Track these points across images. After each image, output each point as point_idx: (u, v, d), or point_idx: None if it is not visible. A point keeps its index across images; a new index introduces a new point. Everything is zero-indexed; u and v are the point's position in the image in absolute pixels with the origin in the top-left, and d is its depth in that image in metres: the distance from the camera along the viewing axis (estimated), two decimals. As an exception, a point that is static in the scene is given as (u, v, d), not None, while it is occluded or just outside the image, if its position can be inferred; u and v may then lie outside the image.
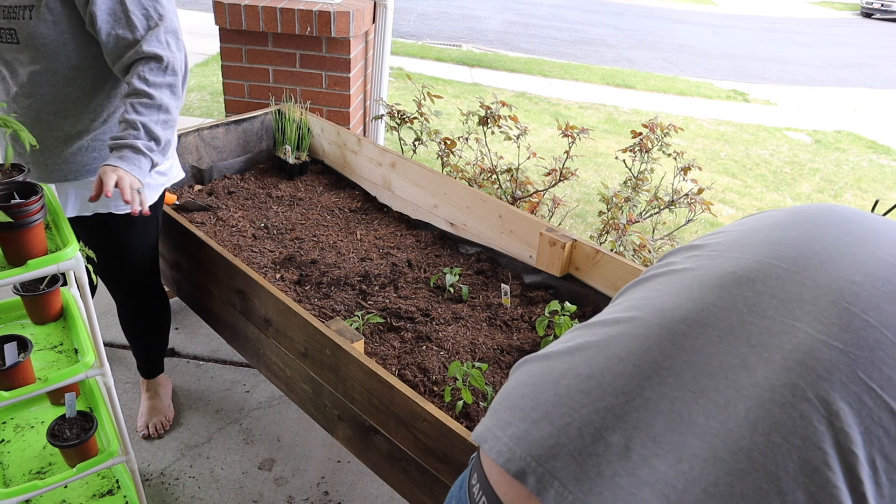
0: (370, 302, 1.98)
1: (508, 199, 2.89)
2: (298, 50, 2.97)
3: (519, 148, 2.91)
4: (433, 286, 2.08)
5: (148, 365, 2.11)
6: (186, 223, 1.92)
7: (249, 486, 1.95)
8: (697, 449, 0.61)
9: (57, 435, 1.43)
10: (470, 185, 2.78)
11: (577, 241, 1.93)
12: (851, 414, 0.59)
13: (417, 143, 3.05)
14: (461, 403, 1.59)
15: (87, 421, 1.48)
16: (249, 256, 2.15)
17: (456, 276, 2.05)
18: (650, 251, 2.54)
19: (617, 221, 2.66)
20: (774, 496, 0.57)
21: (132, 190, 1.44)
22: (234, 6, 2.87)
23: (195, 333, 2.52)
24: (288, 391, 1.79)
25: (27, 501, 1.56)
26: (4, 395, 1.29)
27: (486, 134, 3.02)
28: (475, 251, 2.23)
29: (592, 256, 1.90)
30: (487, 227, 2.17)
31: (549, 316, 1.83)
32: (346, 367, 1.50)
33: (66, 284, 1.57)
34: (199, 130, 2.51)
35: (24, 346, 1.34)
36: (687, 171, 2.86)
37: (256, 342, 1.83)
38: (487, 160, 3.04)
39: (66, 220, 1.39)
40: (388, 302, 1.98)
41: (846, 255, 0.69)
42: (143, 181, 1.48)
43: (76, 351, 1.47)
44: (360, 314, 1.86)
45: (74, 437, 1.44)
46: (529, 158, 2.96)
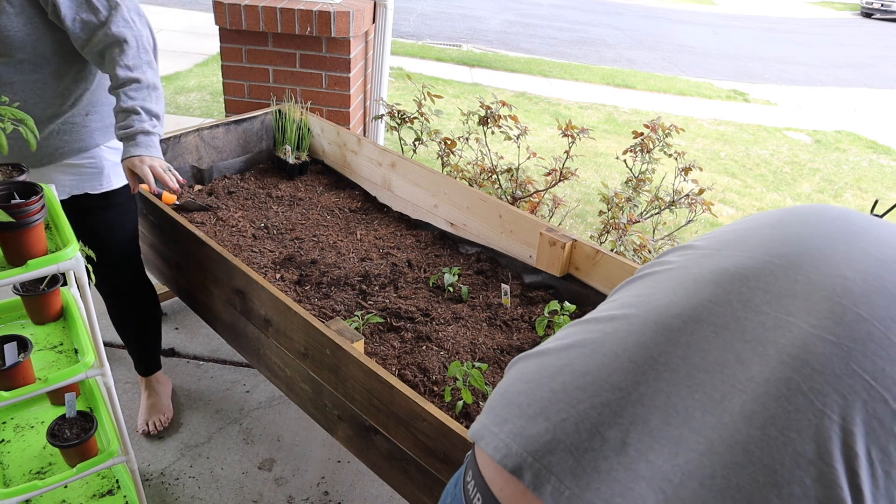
0: (370, 302, 1.98)
1: (508, 199, 2.89)
2: (298, 50, 2.97)
3: (519, 148, 2.91)
4: (433, 286, 2.08)
5: (144, 362, 2.11)
6: (186, 223, 1.92)
7: (249, 486, 1.95)
8: (693, 443, 0.61)
9: (57, 435, 1.43)
10: (470, 185, 2.78)
11: (577, 241, 1.93)
12: (846, 406, 0.59)
13: (417, 143, 3.05)
14: (461, 403, 1.59)
15: (87, 421, 1.48)
16: (249, 256, 2.15)
17: (456, 276, 2.05)
18: (650, 251, 2.54)
19: (617, 221, 2.66)
20: (770, 489, 0.57)
21: (165, 171, 1.59)
22: (234, 6, 2.87)
23: (195, 333, 2.52)
24: (288, 391, 1.79)
25: (27, 501, 1.56)
26: (4, 395, 1.29)
27: (486, 134, 3.02)
28: (475, 251, 2.23)
29: (592, 256, 1.90)
30: (487, 227, 2.17)
31: (548, 316, 1.83)
32: (346, 367, 1.50)
33: (66, 284, 1.57)
34: (199, 130, 2.51)
35: (24, 346, 1.34)
36: (688, 171, 2.86)
37: (256, 342, 1.83)
38: (487, 160, 3.04)
39: (66, 220, 1.39)
40: (388, 302, 1.98)
41: (838, 251, 0.71)
42: (159, 151, 1.60)
43: (76, 351, 1.47)
44: (360, 314, 1.86)
45: (74, 437, 1.44)
46: (529, 158, 2.96)
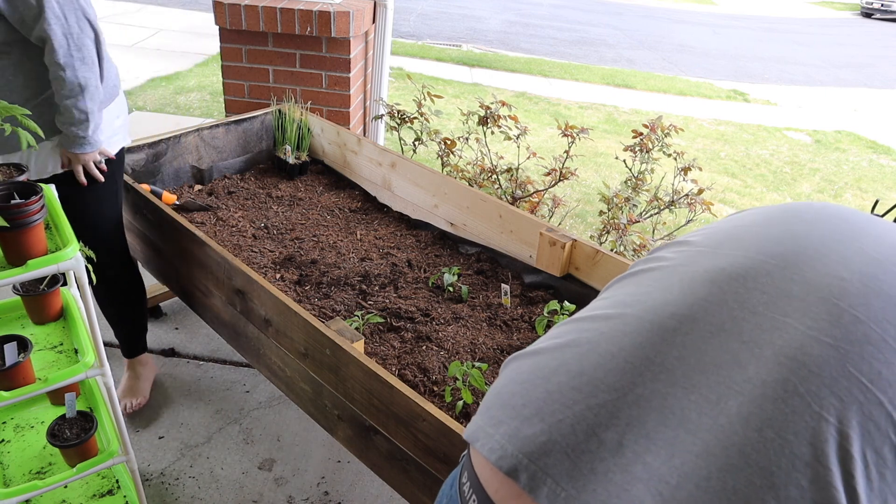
0: (370, 302, 1.98)
1: (508, 199, 2.89)
2: (298, 50, 2.97)
3: (519, 148, 2.91)
4: (433, 286, 2.08)
5: (128, 344, 2.15)
6: (186, 223, 1.92)
7: (249, 486, 1.95)
8: (690, 445, 0.61)
9: (57, 435, 1.43)
10: (470, 185, 2.78)
11: (577, 241, 1.93)
12: (842, 409, 0.59)
13: (417, 143, 3.05)
14: (461, 403, 1.59)
15: (87, 421, 1.48)
16: (249, 256, 2.15)
17: (456, 276, 2.05)
18: (650, 251, 2.54)
19: (617, 221, 2.66)
20: (767, 491, 0.57)
21: (91, 164, 1.75)
22: (234, 6, 2.87)
23: (195, 333, 2.52)
24: (288, 391, 1.79)
25: (27, 501, 1.56)
26: (4, 395, 1.29)
27: (486, 134, 3.02)
28: (475, 251, 2.23)
29: (592, 256, 1.90)
30: (487, 227, 2.17)
31: (548, 316, 1.83)
32: (346, 367, 1.50)
33: (66, 284, 1.57)
34: (199, 130, 2.51)
35: (24, 346, 1.34)
36: (687, 171, 2.86)
37: (256, 342, 1.83)
38: (487, 160, 3.04)
39: (66, 219, 1.39)
40: (388, 302, 1.98)
41: (834, 251, 0.70)
42: (93, 147, 1.70)
43: (76, 351, 1.47)
44: (360, 314, 1.86)
45: (74, 437, 1.44)
46: (529, 158, 2.96)
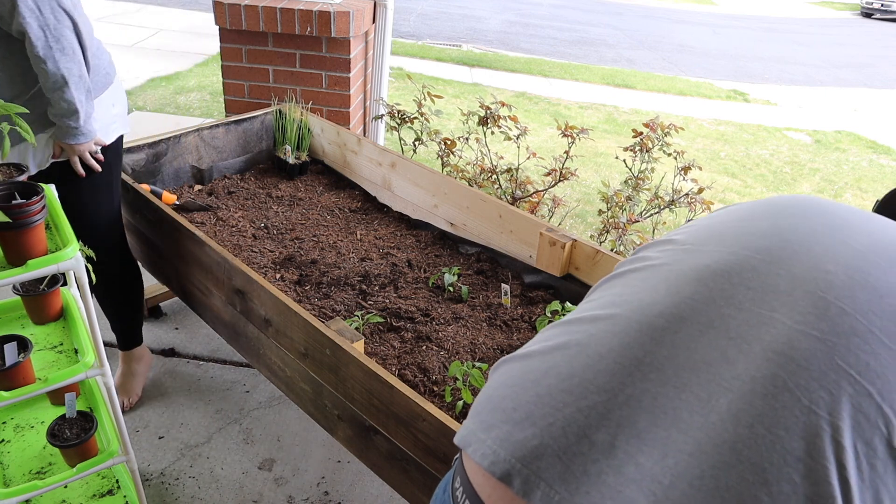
0: (370, 302, 1.98)
1: (508, 199, 2.89)
2: (298, 50, 2.97)
3: (519, 148, 2.91)
4: (433, 286, 2.08)
5: (124, 337, 2.15)
6: (186, 223, 1.92)
7: (249, 486, 1.95)
8: (682, 444, 0.61)
9: (57, 435, 1.43)
10: (470, 185, 2.79)
11: (577, 240, 1.93)
12: (832, 401, 0.59)
13: (417, 143, 3.05)
14: (461, 403, 1.59)
15: (87, 421, 1.48)
16: (249, 256, 2.15)
17: (456, 276, 2.05)
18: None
19: (617, 221, 2.66)
20: (760, 487, 0.57)
21: (87, 154, 1.76)
22: (234, 6, 2.87)
23: (195, 333, 2.53)
24: (288, 391, 1.79)
25: (27, 501, 1.56)
26: (4, 395, 1.29)
27: (486, 134, 3.02)
28: (475, 251, 2.23)
29: (592, 256, 1.90)
30: (487, 227, 2.17)
31: (549, 316, 1.83)
32: (346, 367, 1.50)
33: (66, 284, 1.57)
34: (199, 130, 2.51)
35: (24, 346, 1.34)
36: (687, 170, 2.86)
37: (256, 342, 1.83)
38: (487, 160, 3.04)
39: (66, 219, 1.39)
40: (388, 302, 1.98)
41: (819, 244, 0.70)
42: (87, 137, 1.70)
43: (76, 351, 1.47)
44: (360, 314, 1.86)
45: (74, 437, 1.44)
46: (529, 158, 2.96)
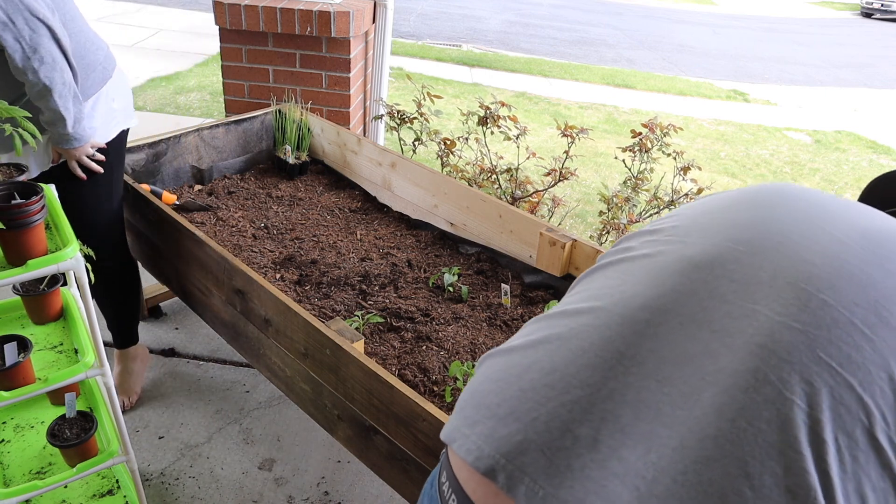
0: (370, 302, 1.98)
1: (508, 199, 2.89)
2: (298, 50, 2.97)
3: (518, 148, 2.91)
4: (433, 286, 2.08)
5: (120, 335, 2.15)
6: (186, 223, 1.92)
7: (249, 486, 1.95)
8: (665, 438, 0.61)
9: (57, 435, 1.43)
10: (470, 185, 2.79)
11: (577, 241, 1.93)
12: (813, 394, 0.59)
13: (417, 143, 3.05)
14: (461, 403, 1.58)
15: (87, 421, 1.48)
16: (249, 256, 2.15)
17: (456, 276, 2.05)
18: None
19: (617, 221, 2.66)
20: (742, 481, 0.57)
21: (84, 157, 1.77)
22: (234, 6, 2.87)
23: (195, 333, 2.53)
24: (288, 391, 1.79)
25: (27, 501, 1.56)
26: (4, 395, 1.29)
27: (485, 134, 3.02)
28: (475, 251, 2.23)
29: (592, 256, 1.90)
30: (487, 227, 2.17)
31: (549, 316, 1.82)
32: (346, 367, 1.50)
33: (66, 284, 1.57)
34: (199, 130, 2.51)
35: (24, 346, 1.34)
36: (686, 170, 2.86)
37: (256, 342, 1.83)
38: (487, 160, 3.04)
39: (66, 219, 1.39)
40: (388, 302, 1.98)
41: (801, 235, 0.70)
42: (79, 141, 1.71)
43: (76, 351, 1.47)
44: (360, 314, 1.87)
45: (74, 437, 1.44)
46: (529, 158, 2.97)
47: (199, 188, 2.53)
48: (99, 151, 1.82)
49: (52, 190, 1.47)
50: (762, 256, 0.69)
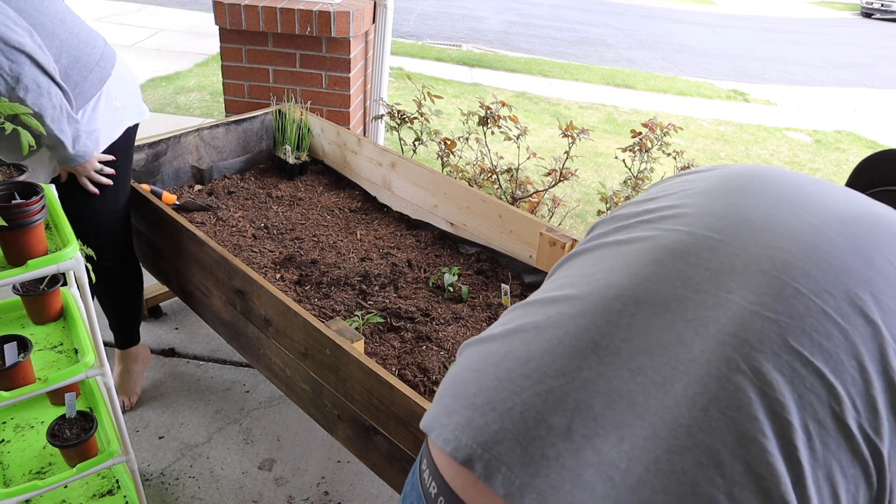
0: (370, 302, 1.98)
1: (508, 199, 2.89)
2: (298, 50, 2.97)
3: (519, 148, 2.91)
4: (433, 286, 2.08)
5: (122, 335, 2.15)
6: (186, 223, 1.92)
7: (249, 486, 1.95)
8: (638, 428, 0.61)
9: (57, 435, 1.43)
10: (470, 185, 2.79)
11: (577, 241, 1.93)
12: (784, 382, 0.60)
13: (417, 143, 3.05)
14: (461, 403, 1.58)
15: (87, 421, 1.48)
16: (249, 256, 2.15)
17: (456, 276, 2.05)
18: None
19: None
20: (714, 470, 0.57)
21: (91, 172, 1.78)
22: (234, 6, 2.87)
23: (195, 333, 2.53)
24: (288, 391, 1.79)
25: (27, 501, 1.56)
26: (4, 395, 1.29)
27: (485, 134, 3.02)
28: (475, 251, 2.23)
29: (592, 256, 1.90)
30: (487, 227, 2.17)
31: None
32: (346, 367, 1.50)
33: (66, 284, 1.57)
34: (199, 130, 2.51)
35: (24, 346, 1.35)
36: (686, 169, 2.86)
37: (256, 342, 1.83)
38: (487, 160, 3.04)
39: (66, 219, 1.39)
40: (388, 302, 1.98)
41: (776, 221, 0.70)
42: (82, 158, 1.71)
43: (76, 351, 1.47)
44: (360, 314, 1.87)
45: (74, 437, 1.44)
46: (529, 158, 2.97)
47: (199, 188, 2.53)
48: (105, 151, 1.81)
49: (52, 190, 1.47)
50: (736, 245, 0.69)
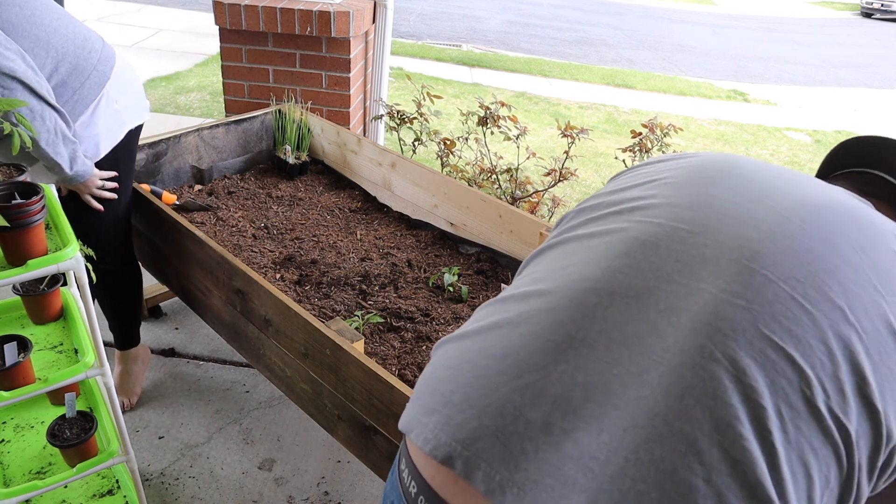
0: (370, 302, 1.98)
1: (508, 199, 2.89)
2: (298, 50, 2.97)
3: (518, 148, 2.91)
4: (433, 286, 2.08)
5: (122, 336, 2.15)
6: (186, 223, 1.92)
7: (249, 486, 1.95)
8: (616, 419, 0.61)
9: (57, 435, 1.43)
10: (470, 185, 2.79)
11: (576, 241, 1.93)
12: (756, 368, 0.61)
13: (417, 143, 3.05)
14: (461, 403, 1.58)
15: (87, 421, 1.48)
16: (249, 256, 2.15)
17: (456, 276, 2.05)
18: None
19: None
20: (692, 457, 0.58)
21: (93, 189, 1.78)
22: (234, 6, 2.87)
23: (195, 333, 2.53)
24: (288, 391, 1.79)
25: (27, 501, 1.56)
26: (4, 395, 1.29)
27: (485, 134, 3.02)
28: (475, 251, 2.23)
29: (592, 256, 1.90)
30: (487, 227, 2.17)
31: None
32: (346, 367, 1.50)
33: (66, 284, 1.57)
34: (199, 130, 2.51)
35: (24, 346, 1.35)
36: (687, 171, 2.86)
37: (256, 342, 1.83)
38: (487, 160, 3.04)
39: (66, 219, 1.39)
40: (388, 302, 1.98)
41: (743, 211, 0.71)
42: (81, 177, 1.70)
43: (76, 351, 1.47)
44: (360, 314, 1.87)
45: (74, 437, 1.44)
46: (529, 158, 2.97)
47: (199, 188, 2.53)
48: (107, 155, 1.80)
49: (52, 190, 1.47)
50: (706, 235, 0.70)
